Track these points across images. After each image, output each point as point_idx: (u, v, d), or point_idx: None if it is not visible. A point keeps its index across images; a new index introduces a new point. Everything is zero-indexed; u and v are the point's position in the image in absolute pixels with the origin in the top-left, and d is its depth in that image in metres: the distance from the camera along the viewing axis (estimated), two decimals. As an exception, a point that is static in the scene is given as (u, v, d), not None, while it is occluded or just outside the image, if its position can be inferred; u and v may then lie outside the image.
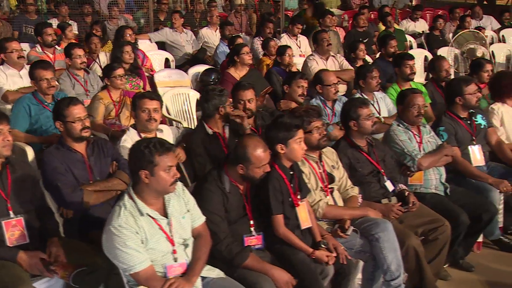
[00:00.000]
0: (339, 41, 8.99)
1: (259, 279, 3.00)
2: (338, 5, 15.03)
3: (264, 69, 6.92)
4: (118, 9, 9.64)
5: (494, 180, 4.45)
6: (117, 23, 9.42)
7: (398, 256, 3.49)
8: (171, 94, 5.88)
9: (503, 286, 4.18)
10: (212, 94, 4.06)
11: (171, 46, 8.73)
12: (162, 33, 8.80)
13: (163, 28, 8.97)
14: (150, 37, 8.78)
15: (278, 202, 3.19)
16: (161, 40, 8.77)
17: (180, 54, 8.68)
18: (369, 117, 3.96)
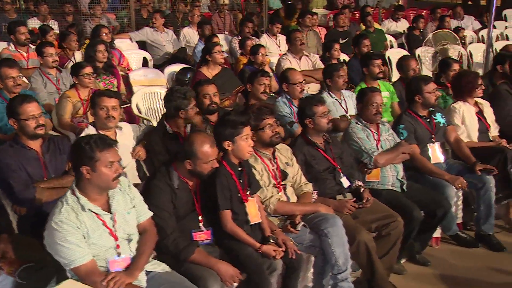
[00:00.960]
0: (319, 41, 9.03)
1: (204, 273, 3.04)
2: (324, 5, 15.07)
3: (241, 68, 6.96)
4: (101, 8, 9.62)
5: (450, 177, 4.51)
6: (98, 22, 9.42)
7: (346, 250, 3.53)
8: (143, 93, 5.90)
9: (456, 279, 4.23)
10: (175, 96, 4.07)
11: (151, 46, 8.75)
12: (143, 33, 8.82)
13: (144, 27, 8.99)
14: (131, 37, 8.80)
15: (226, 198, 3.23)
16: (141, 39, 8.78)
17: (160, 53, 8.71)
18: (324, 115, 4.00)
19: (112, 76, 6.19)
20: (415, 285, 4.15)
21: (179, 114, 4.05)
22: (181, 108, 4.04)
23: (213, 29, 10.75)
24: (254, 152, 3.68)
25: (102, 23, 9.58)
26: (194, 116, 4.08)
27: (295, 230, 3.54)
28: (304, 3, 13.77)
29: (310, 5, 14.16)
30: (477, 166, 4.62)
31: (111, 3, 11.20)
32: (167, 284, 2.89)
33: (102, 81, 6.03)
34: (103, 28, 7.08)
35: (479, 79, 5.13)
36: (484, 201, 4.65)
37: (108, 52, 6.28)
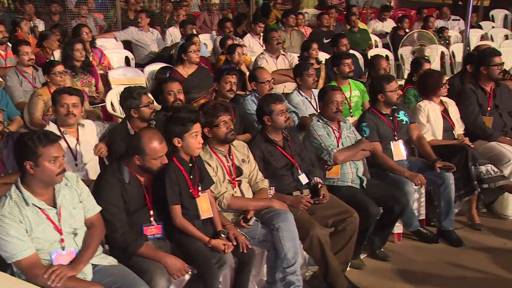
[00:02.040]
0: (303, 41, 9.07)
1: (151, 266, 3.09)
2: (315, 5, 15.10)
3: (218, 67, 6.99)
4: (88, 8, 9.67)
5: (410, 174, 4.56)
6: (85, 21, 9.49)
7: (296, 245, 3.58)
8: (118, 91, 5.92)
9: (412, 274, 4.28)
10: (126, 96, 4.12)
11: (136, 45, 8.78)
12: (128, 32, 8.84)
13: (129, 27, 9.03)
14: (116, 36, 8.82)
15: (174, 193, 3.27)
16: (126, 38, 8.81)
17: (145, 52, 8.73)
18: (282, 113, 4.04)
19: (90, 75, 6.24)
20: (372, 280, 4.20)
21: (131, 113, 4.10)
22: (131, 107, 4.08)
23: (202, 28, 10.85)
24: (209, 148, 3.75)
25: (89, 23, 9.69)
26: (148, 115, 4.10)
27: (247, 225, 3.60)
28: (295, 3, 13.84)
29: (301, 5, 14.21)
30: (436, 164, 4.67)
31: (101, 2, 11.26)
32: (113, 277, 2.94)
33: (79, 80, 6.10)
34: (84, 27, 7.12)
35: (444, 78, 5.17)
36: (444, 198, 4.70)
37: (86, 51, 6.33)
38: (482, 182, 4.80)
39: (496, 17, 13.85)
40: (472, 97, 5.35)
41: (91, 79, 6.22)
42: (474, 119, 5.30)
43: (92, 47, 7.23)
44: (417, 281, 4.18)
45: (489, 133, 5.24)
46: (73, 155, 3.95)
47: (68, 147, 3.92)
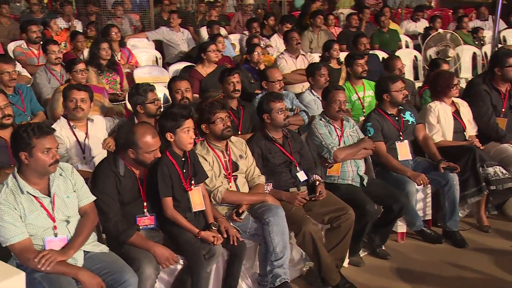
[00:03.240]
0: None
1: (140, 255, 3.23)
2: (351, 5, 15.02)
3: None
4: (123, 8, 9.97)
5: (412, 174, 4.57)
6: (121, 22, 9.80)
7: (285, 239, 3.67)
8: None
9: (410, 272, 4.29)
10: (133, 92, 4.30)
11: (167, 45, 9.00)
12: (159, 32, 9.07)
13: (161, 27, 9.26)
14: (148, 36, 9.08)
15: (166, 186, 3.40)
16: (158, 38, 9.05)
17: (175, 52, 8.94)
18: (281, 111, 4.13)
19: (115, 73, 6.47)
20: (369, 277, 4.23)
21: (137, 109, 4.26)
22: (137, 103, 4.24)
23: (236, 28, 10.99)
24: (207, 144, 3.88)
25: (124, 23, 10.00)
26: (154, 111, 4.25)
27: (239, 218, 3.70)
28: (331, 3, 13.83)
29: (337, 5, 14.19)
30: (441, 164, 4.65)
31: (139, 3, 11.55)
32: (102, 263, 3.09)
33: (105, 78, 6.33)
34: (113, 27, 7.36)
35: (455, 79, 5.13)
36: (448, 198, 4.68)
37: (112, 50, 6.56)
38: (489, 184, 4.76)
39: (537, 18, 13.43)
40: (486, 98, 5.29)
41: (116, 77, 6.44)
42: (487, 120, 5.24)
43: (121, 46, 7.47)
44: (414, 280, 4.19)
45: (502, 135, 5.18)
46: (82, 149, 4.14)
47: (77, 140, 4.12)
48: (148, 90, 4.28)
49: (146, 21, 10.80)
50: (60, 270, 2.92)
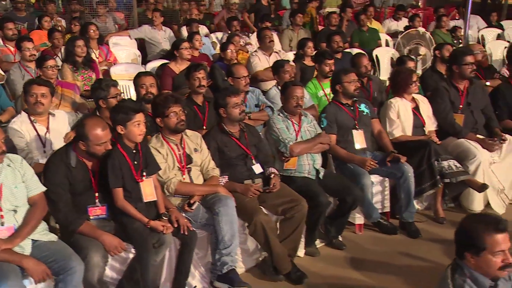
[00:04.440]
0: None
1: (88, 243, 3.31)
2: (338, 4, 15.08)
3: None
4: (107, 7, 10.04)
5: (359, 160, 4.70)
6: (105, 20, 9.88)
7: (234, 228, 3.75)
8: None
9: (363, 262, 4.38)
10: (96, 86, 4.37)
11: (149, 43, 9.07)
12: (141, 30, 9.13)
13: (143, 25, 9.33)
14: (130, 34, 9.15)
15: (116, 177, 3.46)
16: (140, 36, 9.10)
17: (157, 50, 8.99)
18: (236, 106, 4.21)
19: (91, 70, 6.54)
20: (322, 266, 4.32)
21: (100, 103, 4.34)
22: (100, 97, 4.32)
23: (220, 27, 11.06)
24: (161, 137, 3.96)
25: (109, 22, 10.07)
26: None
27: (190, 209, 3.79)
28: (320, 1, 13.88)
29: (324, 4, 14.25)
30: (388, 157, 4.75)
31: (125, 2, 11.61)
32: (50, 251, 3.16)
33: (80, 75, 6.41)
34: (91, 25, 7.44)
35: (414, 76, 5.22)
36: (404, 190, 4.76)
37: (88, 48, 6.64)
38: (444, 177, 4.84)
39: (523, 17, 13.52)
40: (444, 95, 5.37)
41: (92, 74, 6.50)
42: (446, 116, 5.32)
43: (99, 44, 7.55)
44: (365, 268, 4.27)
45: (458, 130, 5.26)
46: (42, 142, 4.21)
47: (37, 134, 4.19)
48: (111, 85, 4.36)
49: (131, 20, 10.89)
50: (5, 258, 2.99)
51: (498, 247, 2.47)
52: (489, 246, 2.48)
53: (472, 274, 2.57)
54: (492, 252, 2.48)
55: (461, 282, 2.55)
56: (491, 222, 2.51)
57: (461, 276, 2.58)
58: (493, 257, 2.49)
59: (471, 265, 2.57)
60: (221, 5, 14.04)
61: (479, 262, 2.53)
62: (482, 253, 2.50)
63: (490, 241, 2.48)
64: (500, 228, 2.48)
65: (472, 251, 2.55)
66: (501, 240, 2.47)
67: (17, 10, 9.14)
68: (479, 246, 2.49)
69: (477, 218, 2.61)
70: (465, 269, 2.60)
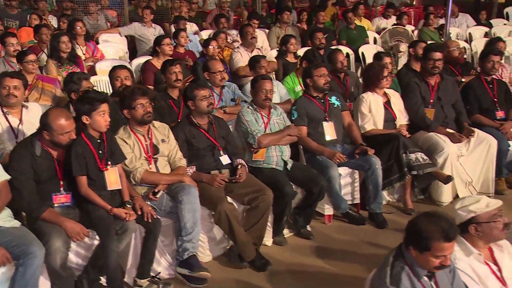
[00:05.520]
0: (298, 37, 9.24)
1: (50, 229, 3.39)
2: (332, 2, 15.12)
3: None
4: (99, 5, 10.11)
5: (329, 152, 4.77)
6: (96, 18, 9.96)
7: (196, 216, 3.82)
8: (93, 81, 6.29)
9: (329, 250, 4.46)
10: (68, 80, 4.45)
11: (139, 40, 9.14)
12: (131, 27, 9.18)
13: (133, 23, 9.40)
14: (120, 31, 9.22)
15: (80, 165, 3.53)
16: (130, 34, 9.16)
17: (147, 47, 9.05)
18: (204, 98, 4.28)
19: (76, 66, 6.61)
20: (288, 255, 4.39)
21: (72, 96, 4.41)
22: (72, 90, 4.40)
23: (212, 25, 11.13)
24: (129, 128, 4.04)
25: (100, 19, 10.16)
26: None
27: (154, 197, 3.86)
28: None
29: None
30: (356, 150, 4.81)
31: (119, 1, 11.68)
32: (12, 237, 3.24)
33: (65, 70, 6.47)
34: (78, 22, 7.50)
35: (385, 71, 5.27)
36: (372, 181, 4.82)
37: (72, 44, 6.71)
38: (412, 169, 4.90)
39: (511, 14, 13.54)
40: (415, 90, 5.43)
41: (76, 69, 6.53)
42: (416, 110, 5.37)
43: (86, 40, 7.63)
44: (331, 257, 4.34)
45: (428, 124, 5.32)
46: (14, 134, 4.25)
47: (10, 126, 4.25)
48: (82, 78, 4.44)
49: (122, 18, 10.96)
50: None
51: (441, 253, 2.53)
52: (433, 250, 2.53)
53: (411, 263, 2.63)
54: (434, 255, 2.54)
55: (399, 270, 2.61)
56: (443, 229, 2.52)
57: (400, 263, 2.64)
58: (433, 259, 2.54)
59: (412, 256, 2.63)
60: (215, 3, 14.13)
61: (420, 257, 2.58)
62: (425, 252, 2.55)
63: (436, 247, 2.52)
64: (449, 237, 2.51)
65: (417, 246, 2.60)
66: (446, 248, 2.52)
67: (9, 7, 9.23)
68: (424, 247, 2.54)
69: (432, 220, 2.58)
70: (406, 258, 2.65)
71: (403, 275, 2.58)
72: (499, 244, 2.91)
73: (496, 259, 2.87)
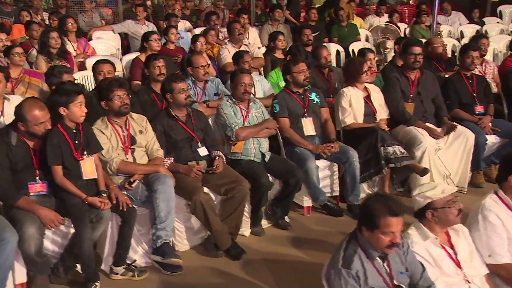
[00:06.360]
0: (289, 34, 9.30)
1: (25, 217, 3.45)
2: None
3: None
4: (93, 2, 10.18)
5: (313, 146, 4.81)
6: (91, 15, 10.03)
7: (170, 205, 3.87)
8: (80, 76, 6.36)
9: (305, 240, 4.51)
10: (49, 73, 4.51)
11: (132, 37, 9.21)
12: (124, 25, 9.25)
13: (126, 20, 9.47)
14: (113, 29, 9.28)
15: (55, 155, 3.59)
16: (123, 31, 9.23)
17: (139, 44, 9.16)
18: (182, 91, 4.34)
19: (65, 61, 6.67)
20: (265, 244, 4.45)
21: (52, 89, 4.48)
22: (53, 83, 4.46)
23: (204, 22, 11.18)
24: (106, 119, 4.10)
25: (95, 17, 10.23)
26: None
27: (130, 187, 3.92)
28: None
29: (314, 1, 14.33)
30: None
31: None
32: (-14, 223, 3.33)
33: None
34: (69, 19, 7.57)
35: (365, 66, 5.32)
36: (349, 174, 4.87)
37: (62, 39, 6.77)
38: (389, 162, 4.94)
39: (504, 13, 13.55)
40: (396, 85, 5.47)
41: (66, 64, 6.62)
42: (396, 104, 5.41)
43: (78, 37, 7.69)
44: (307, 247, 4.38)
45: (407, 118, 5.36)
46: (-4, 126, 4.35)
47: (-9, 117, 4.34)
48: (63, 71, 4.51)
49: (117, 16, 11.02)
50: None
51: (389, 229, 2.61)
52: (381, 226, 2.61)
53: (364, 245, 2.70)
54: (383, 232, 2.62)
55: (352, 252, 2.68)
56: (389, 206, 2.62)
57: (354, 246, 2.70)
58: (383, 236, 2.62)
59: (365, 237, 2.69)
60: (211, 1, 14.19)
61: (371, 237, 2.66)
62: (374, 231, 2.62)
63: (383, 223, 2.61)
64: (395, 213, 2.60)
65: (367, 226, 2.67)
66: (393, 224, 2.60)
67: (4, 4, 9.30)
68: (373, 225, 2.62)
69: (379, 199, 2.70)
70: (359, 240, 2.72)
71: (355, 257, 2.66)
72: (456, 229, 2.97)
73: (452, 242, 2.93)
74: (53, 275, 3.73)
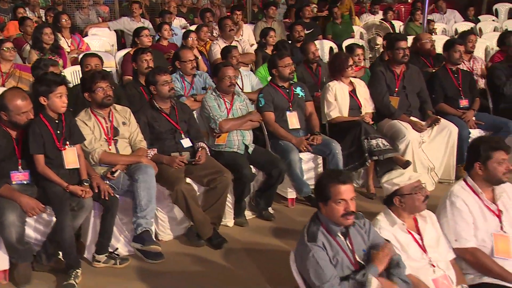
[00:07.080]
0: (283, 31, 9.33)
1: (6, 204, 3.49)
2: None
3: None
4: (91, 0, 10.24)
5: (296, 141, 4.85)
6: (88, 13, 10.09)
7: (150, 194, 3.91)
8: (71, 71, 6.41)
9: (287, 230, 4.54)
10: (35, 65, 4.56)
11: (128, 34, 9.25)
12: (120, 22, 9.32)
13: (122, 17, 9.52)
14: (109, 26, 9.34)
15: (37, 144, 3.62)
16: (119, 28, 9.30)
17: (134, 41, 9.20)
18: (165, 83, 4.38)
19: (58, 57, 6.72)
20: (247, 234, 4.49)
21: None
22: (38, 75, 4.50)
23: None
24: (90, 111, 4.14)
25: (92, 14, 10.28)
26: None
27: (112, 176, 3.96)
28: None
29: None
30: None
31: (113, -4, 11.80)
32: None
33: (48, 61, 6.59)
34: (63, 15, 7.62)
35: (350, 60, 5.35)
36: (332, 166, 4.89)
37: (56, 35, 6.83)
38: (372, 154, 4.97)
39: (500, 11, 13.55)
40: (381, 79, 5.50)
41: (59, 60, 6.67)
42: (381, 98, 5.44)
43: (72, 33, 7.75)
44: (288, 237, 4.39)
45: (392, 112, 5.39)
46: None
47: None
48: (49, 64, 4.55)
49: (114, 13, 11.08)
50: None
51: (339, 196, 2.69)
52: (332, 195, 2.69)
53: (326, 222, 2.77)
54: (335, 201, 2.69)
55: (314, 230, 2.75)
56: (335, 175, 2.74)
57: (316, 224, 2.77)
58: (336, 205, 2.69)
59: (324, 214, 2.74)
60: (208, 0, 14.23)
61: (327, 210, 2.73)
62: (328, 202, 2.68)
63: (333, 191, 2.70)
64: (341, 180, 2.68)
65: (322, 200, 2.75)
66: (342, 190, 2.68)
67: (1, 2, 9.36)
68: (325, 196, 2.69)
69: (327, 173, 2.92)
70: (320, 218, 2.79)
71: (319, 233, 2.72)
72: (423, 215, 3.00)
73: (419, 228, 2.96)
74: (36, 262, 3.77)
